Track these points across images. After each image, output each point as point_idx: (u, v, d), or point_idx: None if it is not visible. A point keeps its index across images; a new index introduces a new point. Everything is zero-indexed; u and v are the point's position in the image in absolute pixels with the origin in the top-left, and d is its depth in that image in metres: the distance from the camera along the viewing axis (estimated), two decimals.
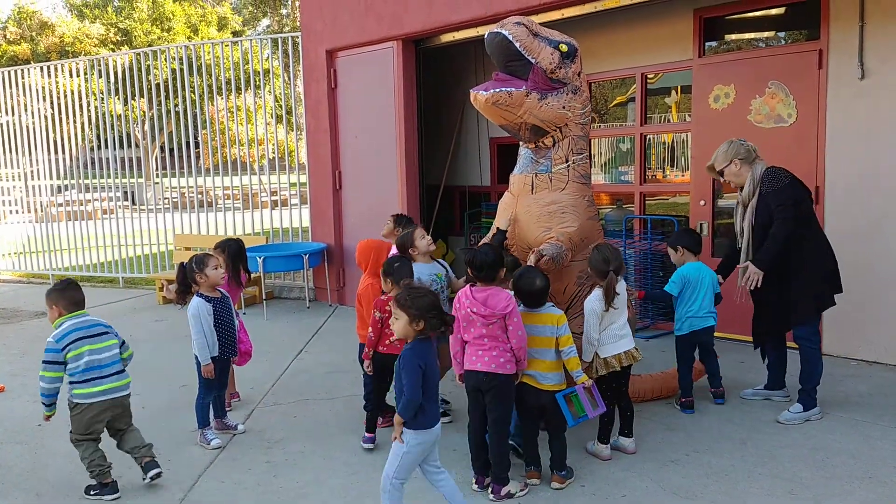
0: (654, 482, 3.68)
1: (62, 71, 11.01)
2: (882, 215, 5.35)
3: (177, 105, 10.83)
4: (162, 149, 18.61)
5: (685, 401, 4.63)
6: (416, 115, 7.70)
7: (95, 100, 10.88)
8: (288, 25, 26.34)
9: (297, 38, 8.62)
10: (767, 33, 6.26)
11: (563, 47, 4.17)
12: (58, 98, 10.90)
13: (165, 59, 10.83)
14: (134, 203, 12.80)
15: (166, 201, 13.68)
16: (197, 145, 10.26)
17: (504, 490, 3.52)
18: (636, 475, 3.77)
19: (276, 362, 6.11)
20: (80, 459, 3.76)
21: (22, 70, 11.29)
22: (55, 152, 11.10)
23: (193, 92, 9.80)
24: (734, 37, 6.50)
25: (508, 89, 4.06)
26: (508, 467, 3.59)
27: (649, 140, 7.22)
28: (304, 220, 9.59)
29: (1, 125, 11.45)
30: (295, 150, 10.54)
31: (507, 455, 3.61)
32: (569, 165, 4.29)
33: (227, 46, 9.66)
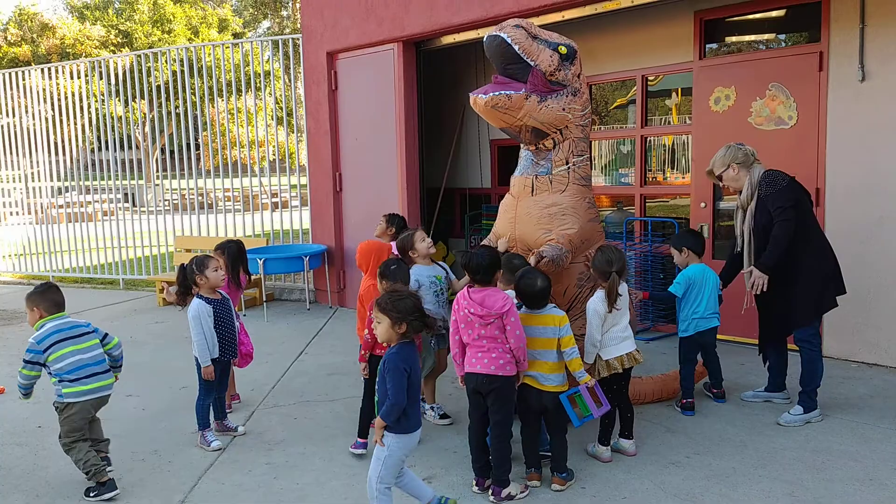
0: (655, 484, 3.68)
1: (63, 73, 11.02)
2: (882, 217, 5.35)
3: (177, 107, 10.85)
4: (162, 150, 18.64)
5: (686, 402, 4.63)
6: (417, 117, 7.70)
7: (96, 101, 10.90)
8: (288, 27, 26.38)
9: (298, 40, 8.63)
10: (768, 35, 6.26)
11: (563, 49, 4.17)
12: (58, 100, 10.91)
13: (166, 61, 10.84)
14: (134, 205, 12.81)
15: (167, 203, 13.66)
16: (197, 147, 10.27)
17: (504, 492, 3.52)
18: (637, 477, 3.77)
19: (276, 364, 6.11)
20: (74, 464, 3.75)
21: (23, 72, 11.30)
22: (56, 154, 11.11)
23: (194, 94, 9.81)
24: (735, 39, 6.51)
25: (507, 92, 4.06)
26: (509, 469, 3.59)
27: (650, 142, 7.22)
28: (305, 222, 9.60)
29: (1, 127, 11.46)
30: (295, 151, 10.56)
31: (508, 457, 3.60)
32: (569, 167, 4.29)
33: (227, 48, 9.68)
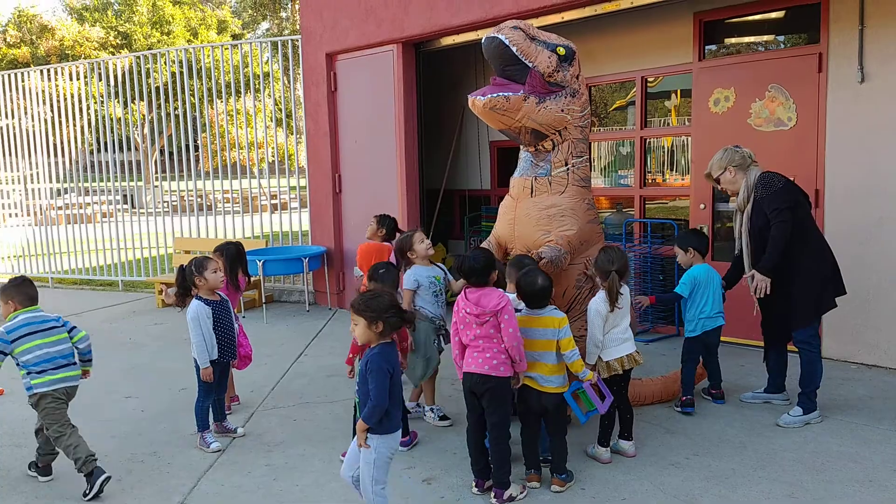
0: (654, 485, 3.68)
1: (62, 74, 11.02)
2: (882, 218, 5.35)
3: (176, 108, 10.86)
4: (161, 152, 18.62)
5: (686, 399, 4.64)
6: (416, 119, 7.70)
7: (95, 103, 10.89)
8: (288, 29, 26.39)
9: (297, 42, 8.63)
10: (767, 37, 6.27)
11: (561, 50, 4.17)
12: (57, 101, 10.91)
13: (165, 63, 10.83)
14: (133, 206, 12.80)
15: (166, 204, 13.66)
16: (196, 148, 10.27)
17: (506, 494, 3.51)
18: (636, 478, 3.76)
19: (275, 366, 6.10)
20: (66, 455, 3.78)
21: (22, 73, 11.30)
22: (55, 156, 11.11)
23: (193, 95, 9.81)
24: (734, 40, 6.51)
25: (506, 94, 4.06)
26: (509, 471, 3.58)
27: (649, 144, 7.22)
28: (304, 224, 9.60)
29: (1, 128, 11.46)
30: (294, 153, 10.54)
31: (508, 459, 3.59)
32: (568, 169, 4.29)
33: (226, 50, 9.68)
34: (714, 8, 6.28)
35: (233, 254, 4.97)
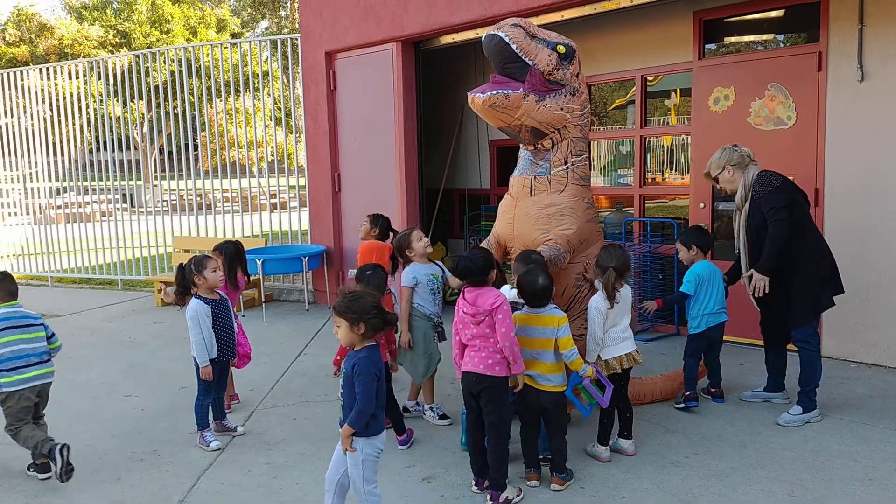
0: (654, 484, 3.68)
1: (61, 73, 11.01)
2: (881, 217, 5.35)
3: (175, 107, 10.84)
4: (161, 151, 18.62)
5: (689, 394, 4.64)
6: (416, 118, 7.70)
7: (94, 102, 10.88)
8: (287, 27, 26.38)
9: (296, 40, 8.62)
10: (767, 36, 6.27)
11: (561, 49, 4.17)
12: (57, 100, 10.90)
13: (164, 62, 10.83)
14: (133, 205, 12.79)
15: (165, 203, 13.65)
16: (196, 147, 10.26)
17: (502, 496, 3.47)
18: (636, 477, 3.76)
19: (275, 364, 6.10)
20: (25, 447, 3.82)
21: (21, 72, 11.29)
22: (54, 154, 11.10)
23: (192, 94, 9.80)
24: (734, 39, 6.51)
25: (505, 91, 4.06)
26: (506, 473, 3.56)
27: (649, 143, 7.22)
28: (304, 223, 9.60)
29: (0, 127, 11.45)
30: (294, 152, 10.54)
31: (506, 460, 3.57)
32: (567, 168, 4.29)
33: (225, 48, 9.68)
34: (714, 7, 6.28)
35: (232, 253, 4.97)
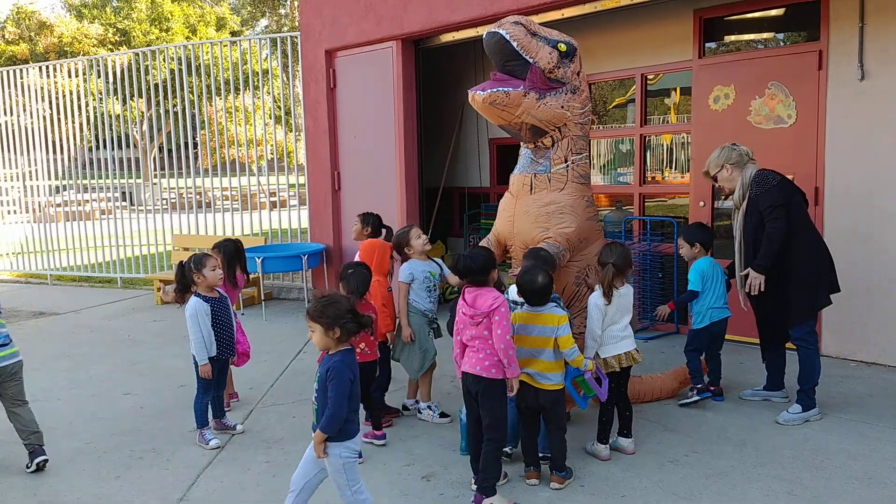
0: (654, 482, 3.68)
1: (60, 71, 10.99)
2: (881, 216, 5.35)
3: (175, 105, 10.82)
4: (160, 149, 18.59)
5: (700, 387, 4.67)
6: (416, 116, 7.69)
7: (94, 100, 10.87)
8: (287, 25, 26.34)
9: (296, 38, 8.61)
10: (767, 34, 6.26)
11: (562, 46, 4.16)
12: (56, 98, 10.89)
13: (164, 60, 10.82)
14: (132, 203, 12.79)
15: (164, 202, 13.65)
16: (195, 146, 10.26)
17: (486, 501, 3.40)
18: (635, 475, 3.76)
19: (274, 363, 6.10)
20: None
21: (20, 70, 11.27)
22: (53, 152, 11.09)
23: (192, 92, 9.79)
24: (734, 38, 6.51)
25: (506, 89, 4.05)
26: (497, 477, 3.53)
27: (649, 141, 7.22)
28: (303, 221, 9.60)
29: None
30: (293, 150, 10.53)
31: (498, 465, 3.55)
32: (568, 166, 4.28)
33: (225, 46, 9.67)
34: (714, 5, 6.27)
35: (231, 251, 4.97)
